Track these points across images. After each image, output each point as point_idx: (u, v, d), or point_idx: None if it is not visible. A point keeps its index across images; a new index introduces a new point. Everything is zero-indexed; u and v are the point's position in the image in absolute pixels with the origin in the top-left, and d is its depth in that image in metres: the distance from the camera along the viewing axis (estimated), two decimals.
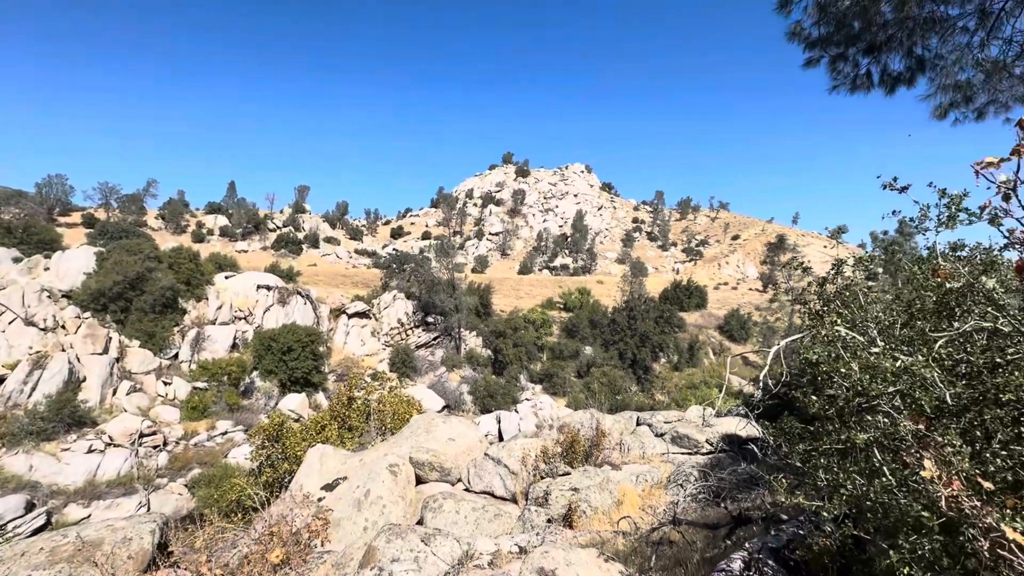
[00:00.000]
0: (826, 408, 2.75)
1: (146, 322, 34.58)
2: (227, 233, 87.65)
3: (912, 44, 8.22)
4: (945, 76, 8.00)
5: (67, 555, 4.12)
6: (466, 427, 10.96)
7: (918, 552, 2.29)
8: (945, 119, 8.44)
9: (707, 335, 55.37)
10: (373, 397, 16.25)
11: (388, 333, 45.45)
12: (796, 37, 8.71)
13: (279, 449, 13.50)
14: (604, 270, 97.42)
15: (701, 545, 4.91)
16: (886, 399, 2.47)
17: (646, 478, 8.35)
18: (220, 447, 28.94)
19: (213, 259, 47.54)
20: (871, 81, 8.66)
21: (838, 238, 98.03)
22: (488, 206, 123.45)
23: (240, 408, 32.39)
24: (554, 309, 57.84)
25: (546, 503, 7.64)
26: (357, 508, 8.00)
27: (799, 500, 2.62)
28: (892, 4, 7.67)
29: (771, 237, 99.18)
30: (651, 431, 11.47)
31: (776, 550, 3.28)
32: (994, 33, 7.42)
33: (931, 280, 2.69)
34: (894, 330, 2.86)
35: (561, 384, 42.86)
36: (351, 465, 9.86)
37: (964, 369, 2.59)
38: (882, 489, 2.32)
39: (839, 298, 3.16)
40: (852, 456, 2.58)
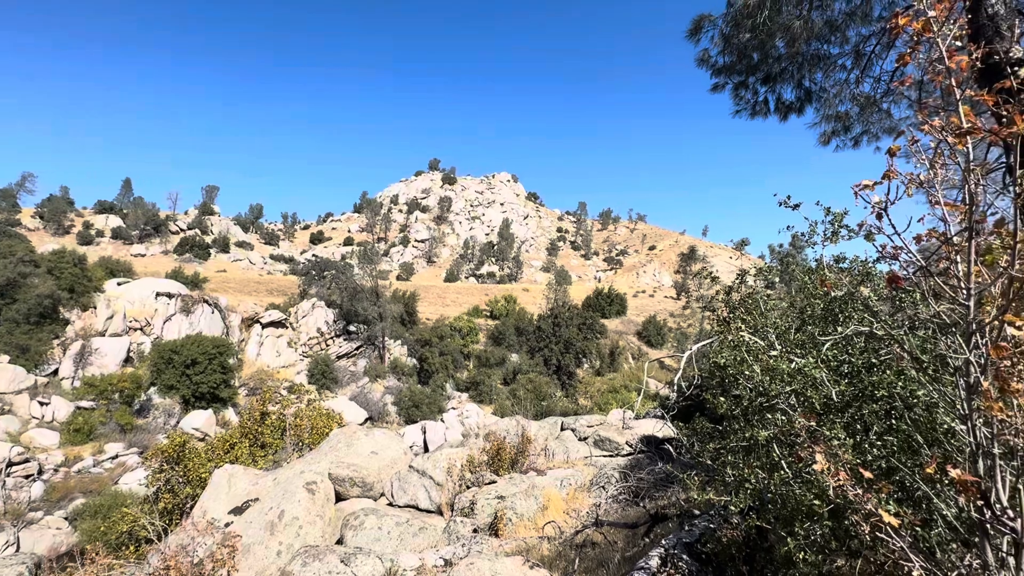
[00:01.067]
0: (732, 408, 2.96)
1: (18, 334, 30.42)
2: (121, 235, 79.36)
3: (801, 77, 9.18)
4: (828, 107, 9.01)
5: None
6: (389, 439, 10.64)
7: (811, 537, 2.51)
8: (828, 145, 9.48)
9: (627, 341, 57.86)
10: (289, 411, 15.34)
11: (307, 343, 43.22)
12: (704, 64, 9.42)
13: (180, 472, 12.35)
14: (530, 278, 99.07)
15: (622, 544, 5.08)
16: (783, 398, 2.70)
17: (570, 482, 8.53)
18: (109, 473, 25.98)
19: (104, 264, 42.88)
20: (768, 108, 9.55)
21: (742, 250, 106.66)
22: (414, 212, 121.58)
23: (134, 429, 29.31)
24: (480, 317, 57.87)
25: (472, 513, 7.57)
26: (270, 531, 7.48)
27: (709, 496, 2.79)
28: (784, 40, 8.52)
29: (684, 248, 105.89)
30: (575, 435, 11.75)
31: (690, 544, 3.47)
32: (867, 72, 8.45)
33: (819, 289, 2.99)
34: (789, 335, 3.15)
35: (488, 392, 42.87)
36: (263, 485, 9.22)
37: (847, 369, 2.89)
38: (780, 482, 2.52)
39: (743, 305, 3.43)
40: (755, 452, 2.79)
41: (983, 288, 1.36)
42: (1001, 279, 1.28)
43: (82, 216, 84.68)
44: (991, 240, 1.35)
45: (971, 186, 1.29)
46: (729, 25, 8.63)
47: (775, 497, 2.54)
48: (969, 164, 1.31)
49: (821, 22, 8.30)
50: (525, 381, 42.72)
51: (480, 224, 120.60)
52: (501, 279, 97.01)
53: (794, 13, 8.18)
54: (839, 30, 8.43)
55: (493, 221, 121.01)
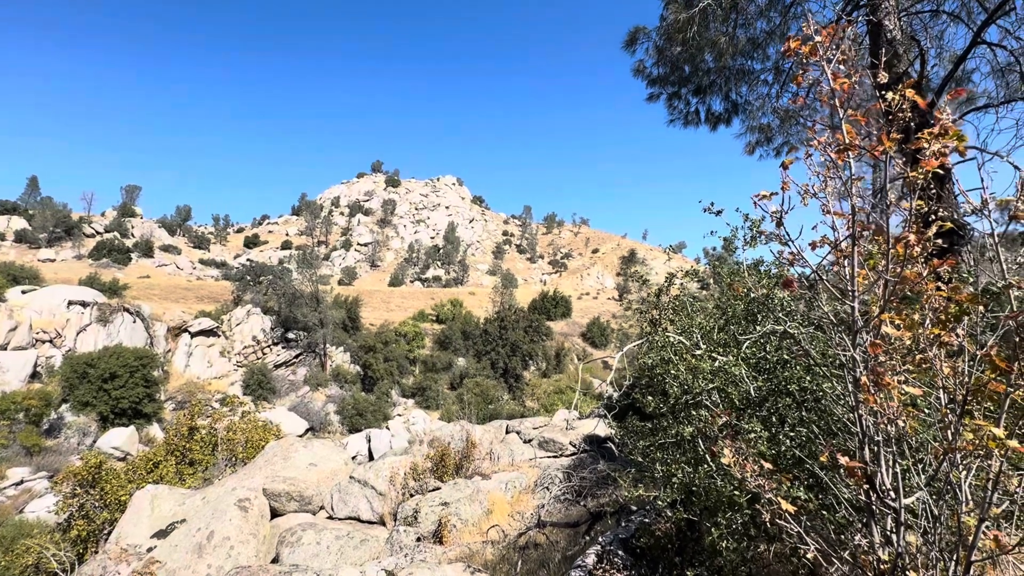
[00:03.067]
0: (661, 406, 3.09)
1: None
2: (26, 238, 72.27)
3: (729, 90, 9.72)
4: (752, 119, 9.60)
5: None
6: (329, 450, 10.30)
7: (732, 526, 2.66)
8: (753, 154, 10.10)
9: (572, 342, 58.93)
10: (221, 425, 14.51)
11: (241, 352, 41.05)
12: (640, 74, 9.79)
13: (96, 495, 11.37)
14: (476, 282, 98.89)
15: (563, 544, 5.16)
16: (707, 395, 2.85)
17: (515, 484, 8.57)
18: (12, 500, 23.51)
19: (5, 270, 38.92)
20: (699, 118, 10.05)
21: (677, 252, 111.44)
22: (356, 215, 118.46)
23: (43, 451, 26.70)
24: (426, 321, 57.13)
25: (416, 521, 7.46)
26: (198, 554, 7.04)
27: (640, 491, 2.89)
28: (712, 54, 9.00)
29: (625, 251, 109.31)
30: (520, 438, 11.83)
31: (625, 540, 3.58)
32: (786, 87, 9.07)
33: (738, 291, 3.17)
34: (713, 334, 3.33)
35: (434, 397, 42.35)
36: (191, 505, 8.67)
37: (764, 366, 3.09)
38: (705, 475, 2.66)
39: (671, 307, 3.59)
40: (682, 448, 2.92)
41: (866, 289, 1.50)
42: (879, 282, 1.43)
43: None
44: (870, 246, 1.50)
45: (852, 198, 1.43)
46: (662, 38, 9.02)
47: (700, 490, 2.67)
48: (851, 177, 1.45)
49: (745, 39, 8.83)
50: (472, 385, 42.55)
51: (425, 227, 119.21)
52: (447, 283, 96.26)
53: (721, 30, 8.66)
54: (761, 47, 9.02)
55: (438, 224, 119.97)
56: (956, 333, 1.43)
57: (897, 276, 1.37)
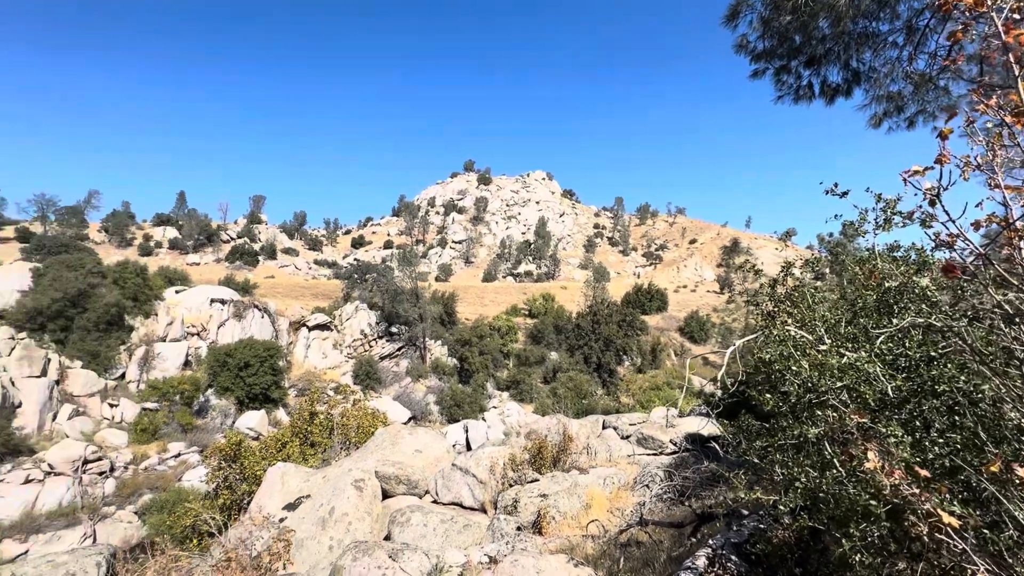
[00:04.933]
0: (780, 405, 2.87)
1: (89, 341, 32.62)
2: (177, 246, 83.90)
3: (848, 57, 8.73)
4: (878, 87, 8.54)
5: None
6: (432, 438, 10.83)
7: (867, 539, 2.41)
8: (880, 127, 8.99)
9: (668, 337, 56.71)
10: (336, 411, 15.82)
11: (351, 345, 44.45)
12: (743, 50, 9.10)
13: (237, 469, 12.94)
14: (567, 276, 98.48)
15: (668, 544, 5.01)
16: (834, 394, 2.60)
17: (613, 480, 8.45)
18: (173, 470, 27.53)
19: (162, 273, 45.39)
20: (813, 92, 9.14)
21: (787, 240, 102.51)
22: (451, 214, 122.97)
23: (194, 428, 30.93)
24: (519, 316, 57.97)
25: (515, 511, 7.62)
26: (321, 527, 7.75)
27: (757, 495, 2.72)
28: (829, 20, 8.14)
29: (726, 241, 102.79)
30: (617, 434, 11.63)
31: (738, 545, 3.38)
32: (920, 48, 7.96)
33: (871, 280, 2.85)
34: (839, 328, 3.02)
35: (528, 390, 42.93)
36: (314, 482, 9.56)
37: (903, 363, 2.75)
38: (833, 481, 2.43)
39: (789, 299, 3.31)
40: (805, 450, 2.70)
41: None
42: None
43: (142, 229, 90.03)
44: None
45: None
46: (768, 7, 8.32)
47: (827, 497, 2.45)
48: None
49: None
50: (565, 379, 42.54)
51: (516, 223, 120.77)
52: (538, 277, 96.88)
53: None
54: (888, 5, 7.98)
55: (529, 220, 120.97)
56: None
57: None
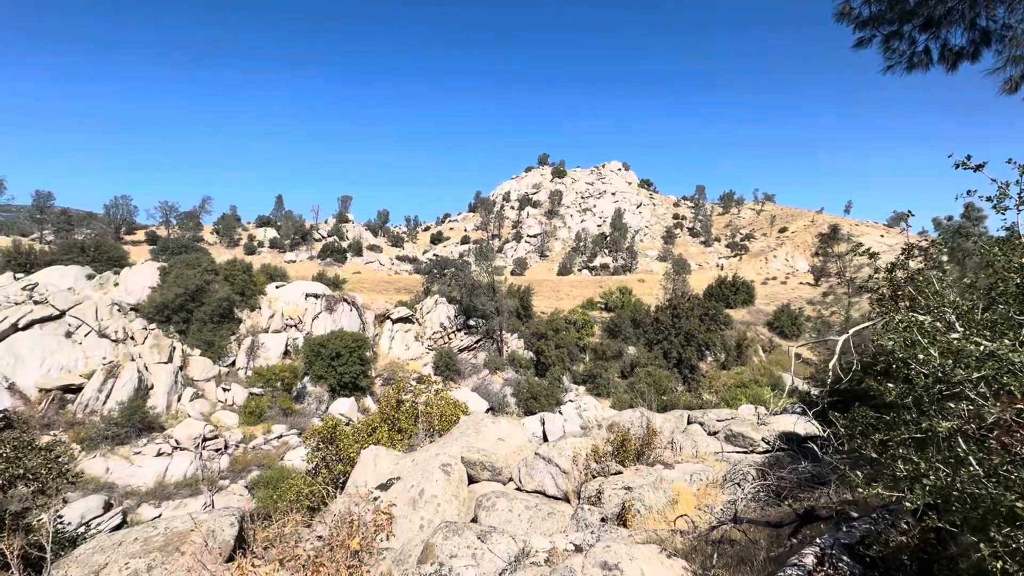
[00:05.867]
0: (903, 396, 2.64)
1: (205, 332, 36.46)
2: (276, 244, 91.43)
3: (975, 16, 7.74)
4: (1015, 47, 7.48)
5: (158, 545, 4.44)
6: (514, 427, 11.04)
7: (1012, 545, 2.18)
8: (1017, 92, 7.90)
9: (755, 332, 53.53)
10: (420, 400, 16.54)
11: (431, 337, 46.18)
12: (845, 17, 8.35)
13: (333, 451, 13.92)
14: (645, 268, 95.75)
15: (765, 544, 4.78)
16: (970, 385, 2.35)
17: (700, 477, 8.18)
18: (276, 450, 30.18)
19: (264, 270, 49.60)
20: (930, 58, 8.19)
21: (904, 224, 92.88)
22: (525, 208, 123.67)
23: (293, 412, 33.66)
24: (595, 309, 57.27)
25: (599, 502, 7.60)
26: (412, 507, 8.19)
27: (878, 491, 2.53)
28: None
29: (822, 228, 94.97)
30: (703, 430, 11.22)
31: (850, 546, 3.17)
32: None
33: (1015, 262, 2.55)
34: (974, 315, 2.72)
35: (605, 385, 42.38)
36: (404, 465, 10.09)
37: None
38: (969, 479, 2.21)
39: (911, 284, 3.04)
40: (934, 445, 2.47)
41: None
42: None
43: (247, 230, 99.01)
44: None
45: None
46: None
47: (962, 496, 2.23)
48: None
49: None
50: (644, 374, 41.52)
51: (591, 216, 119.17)
52: (615, 270, 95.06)
53: None
54: None
55: (604, 212, 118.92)
56: None
57: None
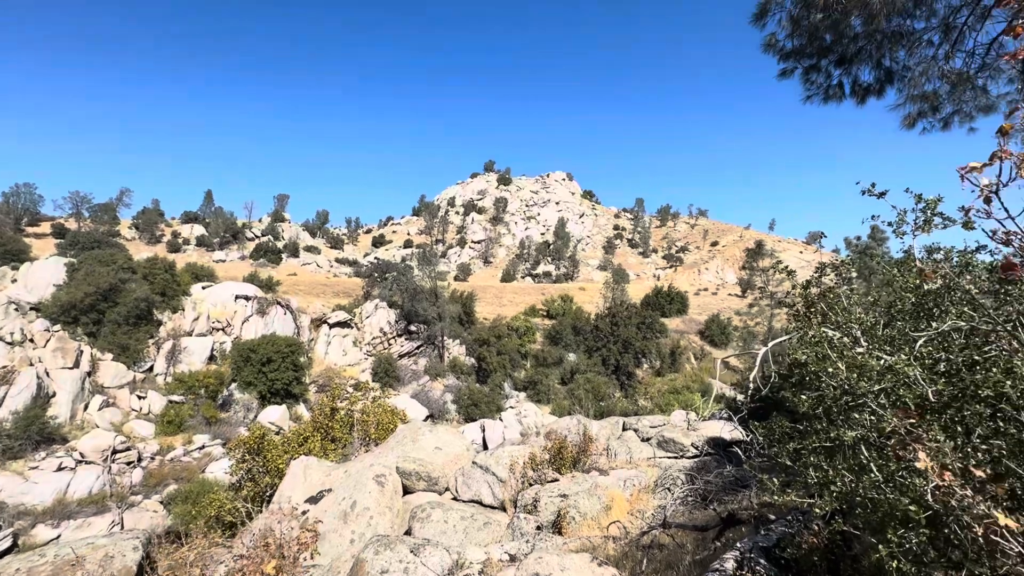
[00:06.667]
0: (815, 407, 2.82)
1: (119, 334, 33.63)
2: (204, 243, 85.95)
3: (881, 56, 8.53)
4: (912, 87, 8.32)
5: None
6: (452, 436, 10.89)
7: (906, 545, 2.36)
8: (914, 128, 8.76)
9: (688, 340, 56.02)
10: (356, 407, 16.02)
11: (370, 343, 44.96)
12: (771, 48, 8.96)
13: (260, 462, 13.19)
14: (586, 277, 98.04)
15: (691, 547, 4.96)
16: (872, 397, 2.55)
17: (634, 482, 8.40)
18: (197, 462, 28.20)
19: (189, 269, 46.52)
20: (843, 91, 8.94)
21: (817, 243, 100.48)
22: (470, 214, 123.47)
23: (218, 421, 31.64)
24: (537, 316, 57.91)
25: (535, 510, 7.62)
26: (343, 520, 7.87)
27: (791, 497, 2.68)
28: (862, 17, 7.97)
29: (749, 243, 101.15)
30: (637, 436, 11.54)
31: (767, 549, 3.34)
32: (957, 46, 7.75)
33: (911, 282, 2.79)
34: (876, 331, 2.96)
35: (545, 391, 42.85)
36: (336, 477, 9.70)
37: (944, 367, 2.69)
38: (871, 485, 2.38)
39: (823, 300, 3.26)
40: (840, 453, 2.65)
41: None
42: None
43: (171, 226, 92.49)
44: None
45: None
46: (798, 6, 8.18)
47: (864, 501, 2.40)
48: None
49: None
50: (583, 381, 42.35)
51: (535, 224, 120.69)
52: (557, 278, 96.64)
53: None
54: (924, 3, 7.78)
55: (548, 220, 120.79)
56: None
57: None
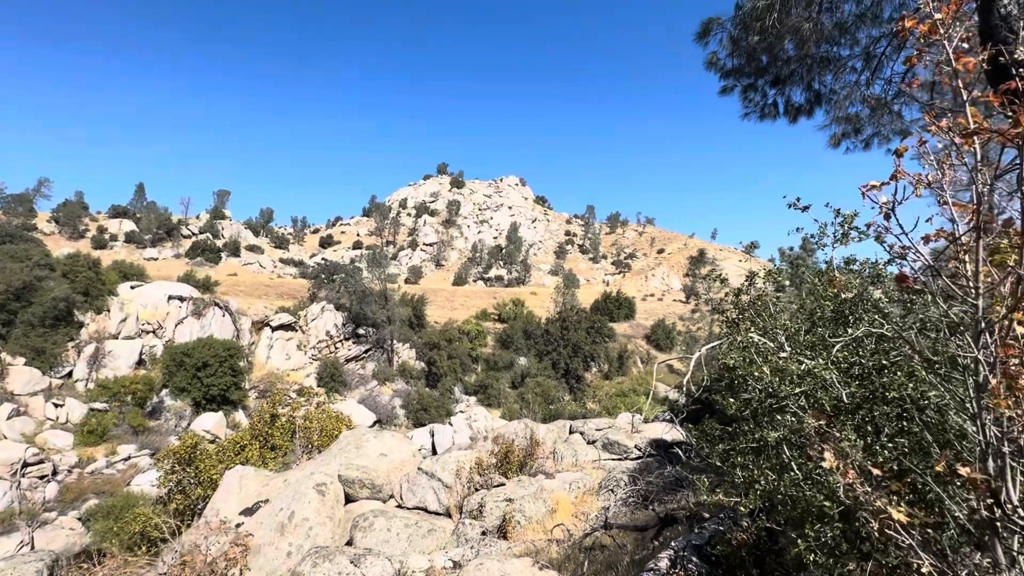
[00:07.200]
0: (742, 409, 2.96)
1: (34, 337, 30.92)
2: (134, 239, 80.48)
3: (811, 79, 9.13)
4: (838, 109, 8.96)
5: None
6: (398, 442, 10.68)
7: (821, 539, 2.51)
8: (839, 148, 9.43)
9: (635, 344, 57.60)
10: (299, 414, 15.43)
11: (316, 346, 43.48)
12: (713, 66, 9.40)
13: (192, 473, 12.47)
14: (538, 282, 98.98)
15: (631, 547, 5.08)
16: (793, 399, 2.70)
17: (579, 485, 8.52)
18: (122, 474, 26.28)
19: (117, 267, 43.46)
20: (777, 110, 9.50)
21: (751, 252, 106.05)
22: (422, 216, 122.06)
23: (146, 430, 29.63)
24: (489, 320, 57.91)
25: (481, 515, 7.59)
26: (280, 532, 7.54)
27: (719, 497, 2.79)
28: (794, 42, 8.50)
29: (693, 251, 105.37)
30: (583, 439, 11.73)
31: (699, 547, 3.46)
32: (877, 73, 8.41)
33: (829, 291, 2.98)
34: (799, 336, 3.15)
35: (496, 395, 42.84)
36: (274, 486, 9.30)
37: (857, 371, 2.89)
38: (791, 483, 2.52)
39: (752, 307, 3.43)
40: (765, 454, 2.79)
41: (992, 287, 1.37)
42: (1010, 278, 1.29)
43: (96, 220, 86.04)
44: (999, 240, 1.36)
45: (978, 186, 1.30)
46: (738, 28, 8.62)
47: (785, 499, 2.54)
48: (977, 165, 1.32)
49: (831, 24, 8.26)
50: (533, 385, 42.65)
51: (488, 227, 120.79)
52: (509, 283, 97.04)
53: (803, 15, 8.15)
54: (849, 32, 8.39)
55: (501, 224, 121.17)
56: None
57: None
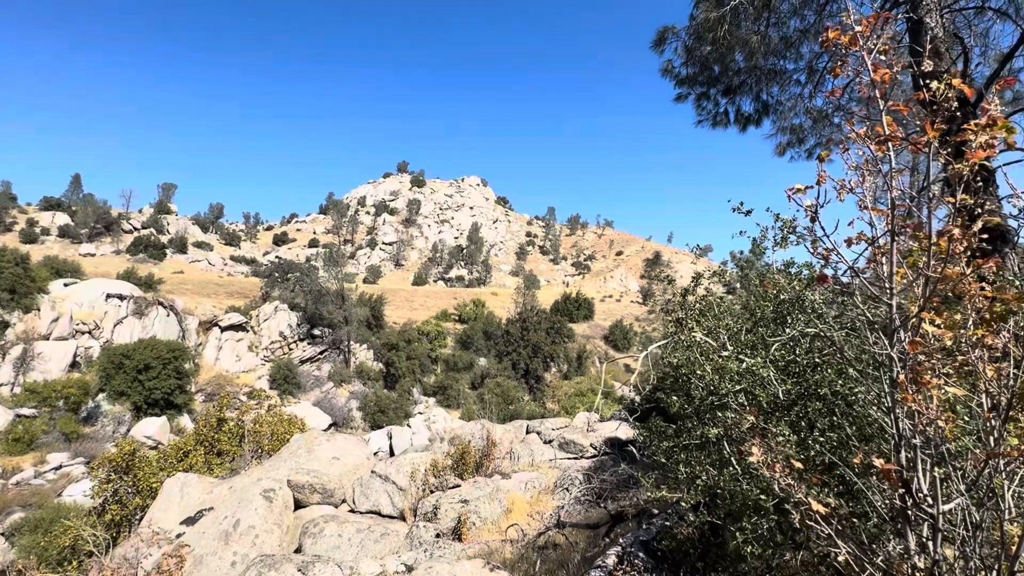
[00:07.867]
0: (685, 407, 3.04)
1: None
2: (69, 234, 75.42)
3: (759, 90, 9.52)
4: (783, 119, 9.39)
5: None
6: (352, 444, 10.45)
7: (758, 531, 2.60)
8: (784, 156, 9.88)
9: (594, 344, 58.52)
10: (248, 417, 14.85)
11: (268, 347, 41.99)
12: (668, 74, 9.66)
13: (129, 482, 11.77)
14: (498, 282, 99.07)
15: (583, 545, 5.13)
16: (733, 397, 2.79)
17: (534, 485, 8.55)
18: (52, 485, 24.55)
19: (49, 263, 40.60)
20: (728, 119, 9.86)
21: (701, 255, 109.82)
22: (382, 215, 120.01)
23: (80, 437, 27.80)
24: (449, 321, 57.49)
25: (435, 517, 7.50)
26: (224, 541, 7.22)
27: (662, 493, 2.85)
28: (743, 54, 8.84)
29: (649, 254, 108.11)
30: (540, 438, 11.80)
31: (646, 542, 3.53)
32: (819, 87, 8.85)
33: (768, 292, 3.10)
34: (740, 336, 3.27)
35: (455, 396, 42.57)
36: (219, 494, 8.90)
37: (793, 369, 3.02)
38: (730, 478, 2.61)
39: (698, 308, 3.53)
40: (707, 450, 2.88)
41: (905, 288, 1.45)
42: (920, 279, 1.38)
43: (26, 213, 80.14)
44: (911, 243, 1.45)
45: (892, 191, 1.38)
46: (692, 37, 8.90)
47: (725, 493, 2.62)
48: (891, 171, 1.40)
49: (777, 38, 8.64)
50: (493, 385, 42.61)
51: (449, 227, 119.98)
52: (470, 283, 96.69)
53: (752, 28, 8.49)
54: (794, 46, 8.81)
55: (462, 225, 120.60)
56: (1001, 335, 1.37)
57: (939, 273, 1.32)
